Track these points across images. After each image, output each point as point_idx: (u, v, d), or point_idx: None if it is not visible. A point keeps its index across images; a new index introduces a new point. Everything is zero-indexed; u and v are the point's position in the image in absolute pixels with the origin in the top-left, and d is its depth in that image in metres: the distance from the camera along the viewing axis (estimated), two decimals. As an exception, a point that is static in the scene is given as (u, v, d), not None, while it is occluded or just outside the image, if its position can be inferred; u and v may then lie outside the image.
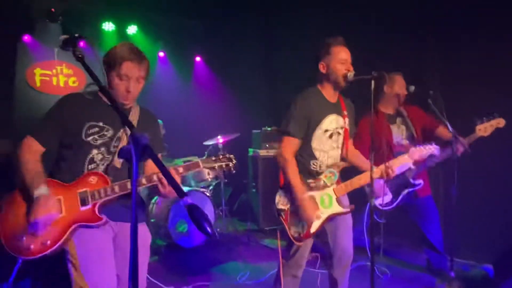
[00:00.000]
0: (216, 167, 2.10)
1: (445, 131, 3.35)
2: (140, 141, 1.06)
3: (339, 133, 2.56)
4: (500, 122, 3.04)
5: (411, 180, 3.23)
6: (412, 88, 3.23)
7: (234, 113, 6.17)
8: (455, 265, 3.13)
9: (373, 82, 2.30)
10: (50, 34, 5.53)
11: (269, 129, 5.32)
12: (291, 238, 2.45)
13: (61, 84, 5.85)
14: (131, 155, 1.01)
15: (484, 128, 3.04)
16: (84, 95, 1.99)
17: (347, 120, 2.60)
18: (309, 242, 2.55)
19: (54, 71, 5.78)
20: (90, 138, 1.95)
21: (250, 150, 5.48)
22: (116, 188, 1.91)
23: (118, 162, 2.01)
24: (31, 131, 1.97)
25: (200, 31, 6.49)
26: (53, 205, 1.80)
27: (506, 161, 3.64)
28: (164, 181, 1.91)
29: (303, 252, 2.54)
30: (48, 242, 1.81)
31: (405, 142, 3.44)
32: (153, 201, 4.51)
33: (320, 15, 5.03)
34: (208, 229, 0.96)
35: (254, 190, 5.30)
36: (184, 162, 2.45)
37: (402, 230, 4.02)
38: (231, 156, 2.16)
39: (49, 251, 1.80)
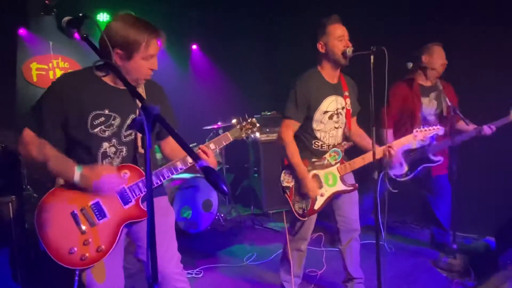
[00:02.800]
0: (244, 135, 2.15)
1: (463, 125, 3.30)
2: (150, 111, 1.04)
3: (340, 114, 2.58)
4: None
5: (430, 156, 3.21)
6: (410, 64, 3.21)
7: (233, 99, 6.16)
8: (457, 238, 3.19)
9: (372, 57, 2.30)
10: (45, 27, 5.49)
11: (268, 113, 5.33)
12: (296, 214, 2.51)
13: (58, 77, 5.83)
14: (142, 126, 1.02)
15: None
16: (82, 74, 1.77)
17: (348, 100, 2.61)
18: (313, 217, 2.60)
19: (50, 65, 5.72)
20: (97, 130, 1.74)
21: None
22: (155, 179, 1.81)
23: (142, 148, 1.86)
24: (28, 123, 1.72)
25: (195, 18, 6.44)
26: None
27: (506, 136, 3.66)
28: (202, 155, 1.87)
29: (307, 227, 2.60)
30: (103, 247, 1.73)
31: (432, 117, 3.36)
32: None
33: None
34: (224, 187, 0.99)
35: (256, 174, 5.32)
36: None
37: (405, 207, 4.06)
38: (253, 120, 2.19)
39: (106, 256, 1.73)
